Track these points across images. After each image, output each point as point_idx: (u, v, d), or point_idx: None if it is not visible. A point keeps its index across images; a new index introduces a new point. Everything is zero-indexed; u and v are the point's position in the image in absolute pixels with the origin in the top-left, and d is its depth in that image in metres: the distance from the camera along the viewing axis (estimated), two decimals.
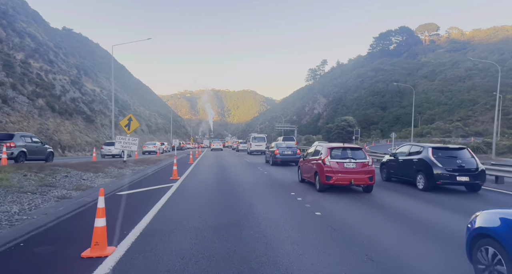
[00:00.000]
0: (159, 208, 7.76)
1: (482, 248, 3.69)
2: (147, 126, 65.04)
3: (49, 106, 39.12)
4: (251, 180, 14.03)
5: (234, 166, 21.03)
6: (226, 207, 8.28)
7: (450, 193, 11.16)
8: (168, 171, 15.87)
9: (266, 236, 5.61)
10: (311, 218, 7.16)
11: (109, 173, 14.10)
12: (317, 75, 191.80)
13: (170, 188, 11.03)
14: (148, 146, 40.92)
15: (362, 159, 10.60)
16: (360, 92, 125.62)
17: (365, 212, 7.98)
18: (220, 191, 11.02)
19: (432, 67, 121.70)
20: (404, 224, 6.84)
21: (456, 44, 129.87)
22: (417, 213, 7.98)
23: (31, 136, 17.90)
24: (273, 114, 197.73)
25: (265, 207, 8.15)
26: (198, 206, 8.21)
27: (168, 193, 9.89)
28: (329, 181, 10.30)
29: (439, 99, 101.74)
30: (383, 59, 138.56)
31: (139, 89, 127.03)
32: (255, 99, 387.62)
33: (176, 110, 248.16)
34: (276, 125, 71.72)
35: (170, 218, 6.84)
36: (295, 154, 21.62)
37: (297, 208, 8.26)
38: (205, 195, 10.02)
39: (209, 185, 12.21)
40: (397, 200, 9.87)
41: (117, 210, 7.31)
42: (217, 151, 51.54)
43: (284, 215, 7.28)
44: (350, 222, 6.85)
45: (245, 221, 6.60)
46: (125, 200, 8.77)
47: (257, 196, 10.01)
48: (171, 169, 15.30)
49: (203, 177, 14.84)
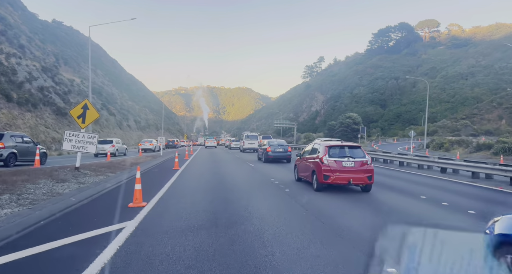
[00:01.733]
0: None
1: (508, 256, 3.29)
2: (135, 122, 60.56)
3: (3, 94, 32.71)
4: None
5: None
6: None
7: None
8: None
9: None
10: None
11: (31, 192, 8.32)
12: (313, 72, 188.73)
13: (116, 237, 5.26)
14: (145, 144, 37.68)
15: (361, 158, 10.41)
16: (359, 90, 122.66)
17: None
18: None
19: (432, 64, 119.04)
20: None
21: (457, 41, 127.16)
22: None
23: (22, 136, 16.70)
24: (269, 111, 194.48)
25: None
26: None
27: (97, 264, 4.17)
28: (327, 180, 10.15)
29: (441, 97, 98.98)
30: (382, 56, 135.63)
31: (132, 84, 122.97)
32: (250, 97, 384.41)
33: (170, 107, 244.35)
34: (274, 122, 67.92)
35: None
36: (286, 152, 22.52)
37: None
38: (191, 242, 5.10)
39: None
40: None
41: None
42: (211, 148, 51.81)
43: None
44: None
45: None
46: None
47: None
48: (143, 180, 8.89)
49: (187, 199, 8.99)
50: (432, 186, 12.72)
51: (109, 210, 7.16)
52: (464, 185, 13.20)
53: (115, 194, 9.31)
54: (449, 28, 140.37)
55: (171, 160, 22.07)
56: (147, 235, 5.46)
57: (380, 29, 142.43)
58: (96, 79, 61.17)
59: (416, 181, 14.28)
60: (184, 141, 79.86)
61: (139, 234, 5.51)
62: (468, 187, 12.71)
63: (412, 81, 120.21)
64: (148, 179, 12.45)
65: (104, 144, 26.76)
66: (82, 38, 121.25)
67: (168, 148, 52.37)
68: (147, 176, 13.93)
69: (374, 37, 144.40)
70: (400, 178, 15.65)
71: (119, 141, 31.77)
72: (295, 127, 62.67)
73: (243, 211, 7.43)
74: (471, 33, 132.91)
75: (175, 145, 57.41)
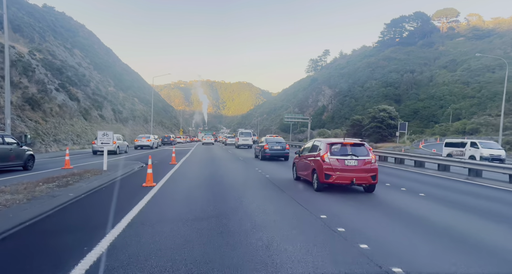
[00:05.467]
0: None
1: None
2: (114, 111, 49.53)
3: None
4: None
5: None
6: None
7: None
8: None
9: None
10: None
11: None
12: (318, 66, 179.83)
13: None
14: (141, 140, 33.74)
15: (365, 156, 9.83)
16: (370, 83, 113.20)
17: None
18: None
19: (452, 57, 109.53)
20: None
21: (479, 31, 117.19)
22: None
23: (2, 135, 13.40)
24: (271, 106, 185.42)
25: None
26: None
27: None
28: (328, 180, 9.65)
29: (465, 91, 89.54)
30: (396, 48, 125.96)
31: (126, 74, 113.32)
32: (251, 92, 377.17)
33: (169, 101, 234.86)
34: (285, 116, 57.95)
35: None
36: (284, 149, 21.86)
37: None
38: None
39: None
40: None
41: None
42: (208, 145, 51.06)
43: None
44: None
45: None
46: None
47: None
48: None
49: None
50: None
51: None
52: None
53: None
54: (467, 19, 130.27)
55: (137, 176, 13.32)
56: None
57: (393, 19, 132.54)
58: (68, 58, 50.88)
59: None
60: (180, 136, 69.79)
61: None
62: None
63: (429, 75, 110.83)
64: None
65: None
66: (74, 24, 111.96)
67: (163, 144, 46.57)
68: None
69: (386, 28, 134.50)
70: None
71: (120, 136, 28.18)
72: (309, 122, 52.93)
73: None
74: (494, 24, 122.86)
75: (170, 142, 49.33)
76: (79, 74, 44.76)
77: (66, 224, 6.18)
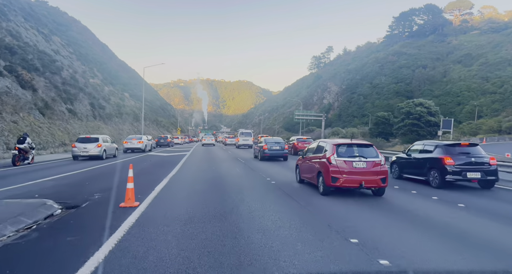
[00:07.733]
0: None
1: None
2: (94, 106, 41.26)
3: None
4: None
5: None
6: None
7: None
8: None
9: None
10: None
11: None
12: (321, 63, 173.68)
13: None
14: (131, 141, 28.90)
15: (374, 158, 9.10)
16: (380, 79, 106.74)
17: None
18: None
19: (466, 51, 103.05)
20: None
21: (495, 24, 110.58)
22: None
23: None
24: (273, 105, 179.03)
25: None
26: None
27: None
28: (335, 183, 8.88)
29: (484, 87, 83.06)
30: (405, 42, 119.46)
31: (122, 71, 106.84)
32: (251, 91, 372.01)
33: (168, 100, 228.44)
34: (295, 113, 50.98)
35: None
36: (283, 149, 21.93)
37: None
38: None
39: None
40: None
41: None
42: (209, 146, 47.82)
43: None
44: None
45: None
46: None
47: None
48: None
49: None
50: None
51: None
52: None
53: None
54: (481, 11, 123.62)
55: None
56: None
57: (403, 12, 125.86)
58: (39, 44, 43.74)
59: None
60: (177, 137, 62.77)
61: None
62: None
63: (442, 70, 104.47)
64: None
65: (87, 143, 20.48)
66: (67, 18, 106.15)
67: (159, 146, 40.82)
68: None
69: (395, 22, 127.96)
70: None
71: (107, 138, 23.12)
72: (323, 120, 46.51)
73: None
74: (509, 17, 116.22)
75: (167, 143, 43.05)
76: (46, 59, 37.20)
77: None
